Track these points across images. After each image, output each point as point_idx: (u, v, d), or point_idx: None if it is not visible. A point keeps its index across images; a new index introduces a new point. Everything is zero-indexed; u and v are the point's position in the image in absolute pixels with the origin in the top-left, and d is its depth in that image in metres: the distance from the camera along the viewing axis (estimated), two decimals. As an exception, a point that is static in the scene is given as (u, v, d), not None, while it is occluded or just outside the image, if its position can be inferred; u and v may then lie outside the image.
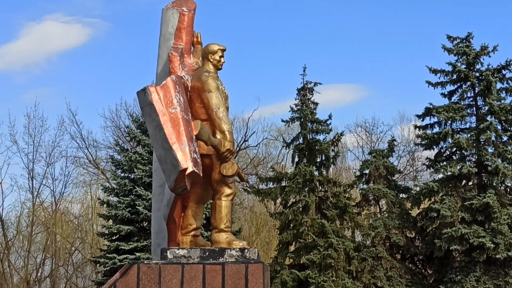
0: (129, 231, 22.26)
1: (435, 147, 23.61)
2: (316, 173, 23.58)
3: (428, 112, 23.50)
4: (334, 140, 24.16)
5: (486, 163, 22.51)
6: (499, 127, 22.81)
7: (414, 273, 22.91)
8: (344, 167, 40.83)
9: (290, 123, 24.92)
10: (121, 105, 44.57)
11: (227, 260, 6.85)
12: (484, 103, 23.13)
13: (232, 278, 6.68)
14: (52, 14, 58.50)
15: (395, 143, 26.22)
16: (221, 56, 7.57)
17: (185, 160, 6.65)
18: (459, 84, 23.68)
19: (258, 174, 33.08)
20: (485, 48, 23.32)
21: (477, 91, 23.24)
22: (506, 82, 23.28)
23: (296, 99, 24.39)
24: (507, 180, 22.19)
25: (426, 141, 23.51)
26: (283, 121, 24.75)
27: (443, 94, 23.83)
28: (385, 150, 25.12)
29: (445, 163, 22.89)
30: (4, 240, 35.45)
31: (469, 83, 23.33)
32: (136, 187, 22.56)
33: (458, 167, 21.96)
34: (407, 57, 58.78)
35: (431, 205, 22.49)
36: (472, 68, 23.33)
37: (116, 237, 23.06)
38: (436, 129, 23.50)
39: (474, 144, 22.57)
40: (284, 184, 23.70)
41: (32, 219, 36.09)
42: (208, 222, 16.94)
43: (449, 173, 22.39)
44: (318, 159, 23.93)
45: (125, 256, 21.69)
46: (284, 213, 23.20)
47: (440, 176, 23.18)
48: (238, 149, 35.31)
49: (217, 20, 51.97)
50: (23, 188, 42.75)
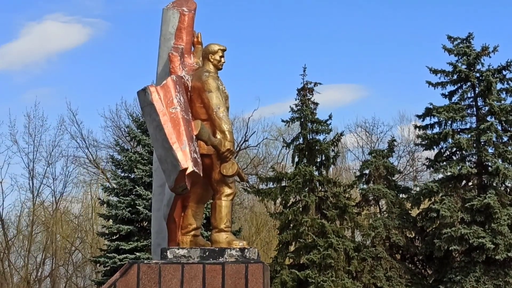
0: (129, 231, 22.28)
1: (435, 147, 23.63)
2: (316, 173, 23.59)
3: (428, 112, 23.50)
4: (334, 140, 24.16)
5: (487, 163, 22.53)
6: (499, 127, 22.82)
7: (413, 273, 22.92)
8: (344, 167, 40.86)
9: (290, 123, 24.93)
10: (121, 105, 44.50)
11: (227, 260, 6.85)
12: (484, 103, 23.13)
13: (232, 278, 6.69)
14: (52, 14, 58.57)
15: (395, 143, 26.23)
16: (222, 56, 7.57)
17: (185, 160, 6.66)
18: (459, 85, 23.68)
19: (258, 174, 33.08)
20: (486, 48, 23.31)
21: (477, 91, 23.24)
22: (506, 82, 23.29)
23: (296, 99, 24.41)
24: (507, 180, 22.20)
25: (426, 141, 23.52)
26: (283, 121, 24.79)
27: (443, 94, 23.84)
28: (385, 150, 25.13)
29: (445, 163, 22.90)
30: (4, 240, 35.50)
31: (469, 83, 23.34)
32: (136, 187, 22.56)
33: (457, 168, 21.98)
34: (407, 57, 58.85)
35: (430, 206, 22.51)
36: (472, 68, 23.32)
37: (116, 236, 23.08)
38: (436, 129, 23.54)
39: (474, 145, 22.59)
40: (284, 184, 23.70)
41: (32, 218, 36.12)
42: (208, 222, 16.94)
43: (448, 174, 22.42)
44: (318, 159, 23.94)
45: (125, 255, 21.70)
46: (284, 213, 23.21)
47: (440, 176, 23.22)
48: (238, 149, 35.31)
49: (217, 20, 51.99)
50: (23, 188, 42.92)
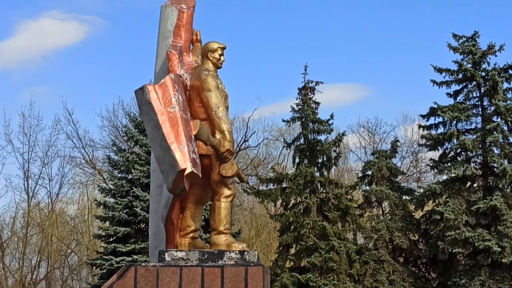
0: (126, 233, 22.30)
1: (439, 148, 23.64)
2: (317, 174, 23.60)
3: (432, 112, 23.51)
4: (336, 140, 24.16)
5: (492, 164, 22.53)
6: (505, 128, 22.81)
7: (417, 277, 22.92)
8: (346, 168, 40.88)
9: (291, 123, 24.95)
10: (119, 104, 44.45)
11: (226, 263, 6.86)
12: (490, 103, 23.13)
13: (232, 281, 6.69)
14: (49, 11, 58.66)
15: (398, 143, 26.25)
16: (221, 55, 7.57)
17: (184, 161, 6.66)
18: (464, 84, 23.68)
19: (258, 175, 33.08)
20: (492, 47, 23.30)
21: (483, 91, 23.24)
22: (512, 82, 23.30)
23: (297, 99, 24.43)
24: (514, 182, 22.19)
25: (431, 141, 23.52)
26: (284, 121, 24.82)
27: (448, 93, 23.83)
28: (388, 151, 25.14)
29: (449, 164, 22.90)
30: (-2, 242, 35.51)
31: (474, 82, 23.34)
32: (133, 188, 22.58)
33: (462, 169, 21.97)
34: (410, 56, 58.79)
35: (434, 208, 22.51)
36: (478, 67, 23.31)
37: (113, 239, 23.10)
38: (441, 130, 23.55)
39: (480, 146, 22.58)
40: (284, 185, 23.72)
41: (27, 220, 36.10)
42: (207, 224, 16.93)
43: (453, 175, 22.42)
44: (320, 160, 23.95)
45: (122, 258, 21.72)
46: (284, 215, 23.22)
47: (444, 177, 23.21)
48: (238, 149, 35.31)
49: (216, 18, 51.97)
50: (18, 189, 42.86)
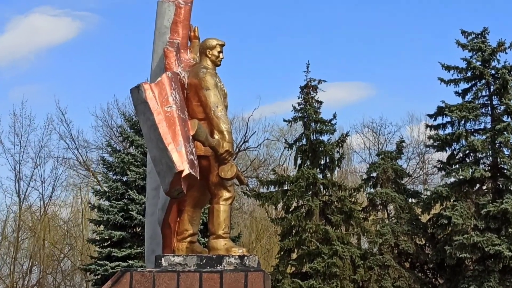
0: (121, 237, 22.31)
1: (447, 148, 23.62)
2: (320, 176, 23.62)
3: (440, 111, 23.49)
4: (339, 141, 24.18)
5: (502, 166, 22.51)
6: (516, 128, 22.79)
7: (424, 283, 22.92)
8: (350, 169, 40.91)
9: (293, 123, 24.97)
10: (113, 104, 44.74)
11: (225, 268, 6.85)
12: (500, 102, 23.11)
13: (231, 287, 6.69)
14: (40, 7, 58.70)
15: (404, 144, 26.28)
16: (220, 52, 7.57)
17: (181, 162, 6.65)
18: (473, 82, 23.68)
19: (259, 177, 33.08)
20: (502, 44, 23.29)
21: (492, 89, 23.24)
22: (523, 80, 23.27)
23: (299, 98, 24.47)
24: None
25: (438, 142, 23.52)
26: (285, 120, 24.83)
27: (456, 92, 23.84)
28: (394, 152, 25.17)
29: (457, 166, 22.86)
30: (-12, 246, 35.54)
31: (484, 81, 23.34)
32: (129, 190, 22.60)
33: (470, 171, 21.95)
34: (417, 53, 58.87)
35: (442, 212, 22.47)
36: (487, 65, 23.31)
37: (108, 243, 23.11)
38: (449, 129, 23.57)
39: (489, 146, 22.55)
40: (286, 188, 23.73)
41: (19, 223, 36.13)
42: (206, 228, 16.94)
43: (461, 177, 22.38)
44: (322, 161, 23.97)
45: (117, 263, 21.74)
46: (286, 218, 23.23)
47: (452, 180, 23.18)
48: (237, 150, 35.34)
49: (215, 14, 52.05)
50: (9, 191, 42.89)
